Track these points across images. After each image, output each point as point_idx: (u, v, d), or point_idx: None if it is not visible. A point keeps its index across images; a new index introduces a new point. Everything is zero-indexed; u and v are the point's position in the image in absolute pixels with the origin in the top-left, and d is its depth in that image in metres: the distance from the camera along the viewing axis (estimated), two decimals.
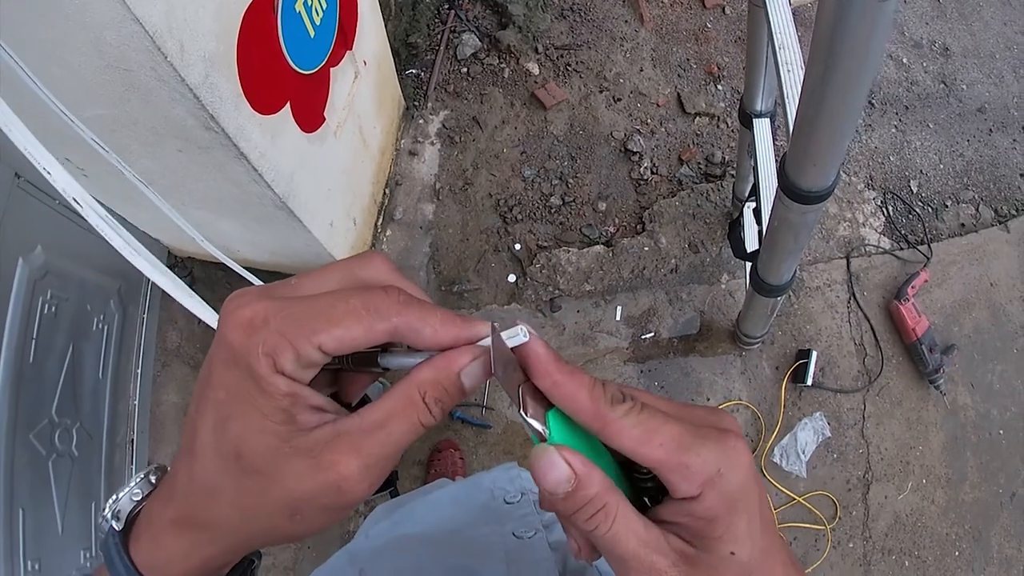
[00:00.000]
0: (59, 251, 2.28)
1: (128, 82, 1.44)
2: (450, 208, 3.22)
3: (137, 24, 1.26)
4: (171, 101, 1.50)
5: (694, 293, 3.15)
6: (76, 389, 2.40)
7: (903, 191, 3.48)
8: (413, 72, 3.50)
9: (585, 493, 0.46)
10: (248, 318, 0.45)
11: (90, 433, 2.46)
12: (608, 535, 0.47)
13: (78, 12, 1.25)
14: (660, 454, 0.46)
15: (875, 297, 3.23)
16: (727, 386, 3.03)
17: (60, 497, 2.25)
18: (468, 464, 2.84)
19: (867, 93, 1.41)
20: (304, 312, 0.45)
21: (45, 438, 2.21)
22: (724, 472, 0.47)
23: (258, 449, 0.45)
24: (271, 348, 0.44)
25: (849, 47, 1.25)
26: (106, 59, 1.37)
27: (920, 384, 3.13)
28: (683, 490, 0.47)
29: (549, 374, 0.48)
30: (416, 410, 0.47)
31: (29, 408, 2.14)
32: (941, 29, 3.99)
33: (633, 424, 0.47)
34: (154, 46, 1.32)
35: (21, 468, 2.07)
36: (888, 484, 3.00)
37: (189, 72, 1.43)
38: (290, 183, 2.02)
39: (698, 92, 3.58)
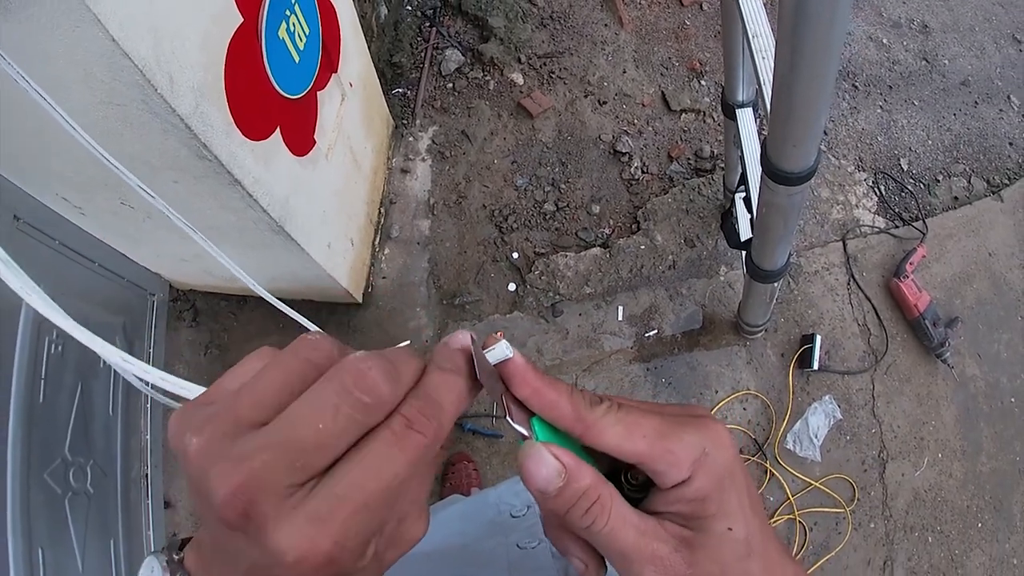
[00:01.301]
0: (62, 290, 2.30)
1: (121, 116, 1.47)
2: (446, 222, 3.25)
3: (127, 59, 1.29)
4: (164, 133, 1.53)
5: (694, 287, 3.16)
6: (88, 426, 2.41)
7: (894, 170, 3.50)
8: (400, 91, 3.53)
9: (577, 486, 0.47)
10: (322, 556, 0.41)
11: (104, 470, 2.47)
12: (606, 529, 0.47)
13: (67, 50, 1.27)
14: (644, 445, 0.48)
15: (874, 277, 3.25)
16: (734, 377, 3.04)
17: (78, 535, 2.26)
18: (482, 475, 2.84)
19: (836, 71, 1.44)
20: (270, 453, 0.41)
21: (60, 477, 2.22)
22: (709, 452, 0.49)
23: None
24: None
25: (812, 27, 1.28)
26: (97, 95, 1.40)
27: (927, 359, 3.14)
28: (672, 476, 0.48)
29: (528, 383, 0.49)
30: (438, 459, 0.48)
31: (42, 447, 2.15)
32: (919, 7, 4.02)
33: (614, 422, 0.48)
34: (144, 79, 1.35)
35: (38, 507, 2.08)
36: (904, 461, 3.00)
37: (180, 103, 1.46)
38: (285, 207, 2.05)
39: (682, 89, 3.61)
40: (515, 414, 0.50)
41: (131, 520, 2.58)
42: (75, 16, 1.19)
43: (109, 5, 1.20)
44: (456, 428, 2.89)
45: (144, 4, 1.31)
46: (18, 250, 2.04)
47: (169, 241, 2.36)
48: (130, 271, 2.71)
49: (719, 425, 0.51)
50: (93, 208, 2.16)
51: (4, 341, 2.04)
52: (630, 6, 3.82)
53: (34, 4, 1.18)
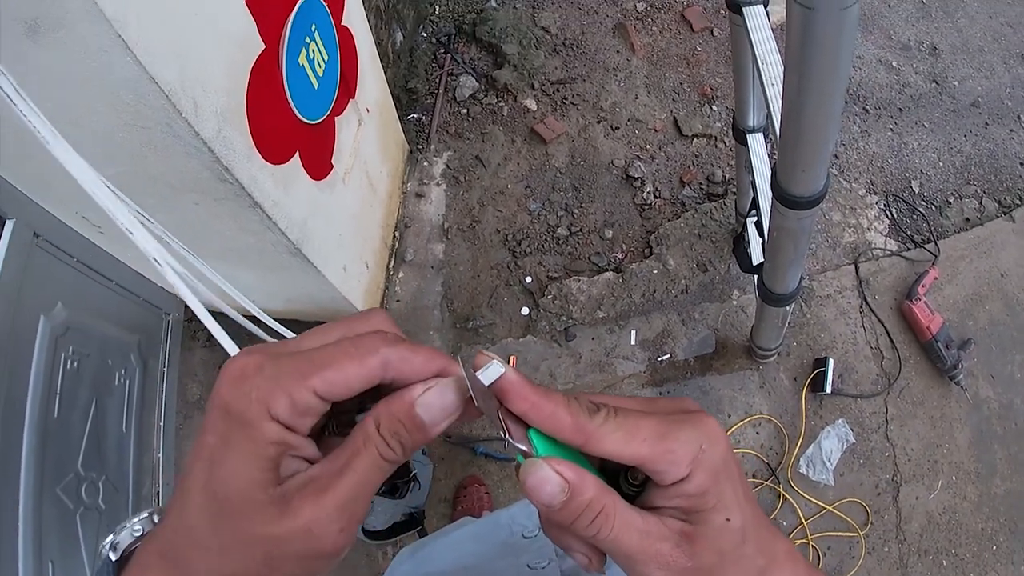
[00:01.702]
0: (79, 308, 2.32)
1: (144, 139, 1.50)
2: (460, 247, 3.27)
3: (153, 83, 1.32)
4: (187, 156, 1.56)
5: (706, 312, 3.17)
6: (101, 443, 2.43)
7: (905, 192, 3.51)
8: (415, 116, 3.57)
9: (581, 500, 0.48)
10: (241, 368, 0.47)
11: (116, 486, 2.48)
12: (611, 536, 0.49)
13: (95, 74, 1.30)
14: (645, 449, 0.49)
15: (887, 300, 3.24)
16: (747, 401, 3.04)
17: (88, 550, 2.27)
18: (494, 498, 2.84)
19: (843, 97, 1.46)
20: (297, 359, 0.47)
21: (72, 492, 2.24)
22: (706, 448, 0.50)
23: (237, 493, 0.46)
24: (264, 394, 0.46)
25: (819, 55, 1.31)
26: (123, 118, 1.43)
27: (940, 382, 3.13)
28: (673, 475, 0.49)
29: (525, 397, 0.49)
30: (374, 444, 0.48)
31: (55, 462, 2.16)
32: (927, 29, 4.04)
33: (613, 429, 0.49)
34: (170, 104, 1.38)
35: (49, 522, 2.10)
36: (918, 484, 2.99)
37: (203, 127, 1.49)
38: (303, 230, 2.08)
39: (693, 114, 3.63)
40: (513, 431, 0.50)
41: None
42: (104, 41, 1.22)
43: (137, 31, 1.24)
44: (468, 452, 2.90)
45: (171, 31, 1.35)
46: (37, 267, 2.09)
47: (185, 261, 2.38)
48: (146, 290, 2.74)
49: (711, 419, 0.52)
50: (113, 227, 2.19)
51: (21, 356, 2.06)
52: (642, 32, 3.86)
53: (62, 28, 1.21)
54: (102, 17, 1.17)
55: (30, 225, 2.09)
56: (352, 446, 0.48)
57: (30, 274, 2.10)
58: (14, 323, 2.03)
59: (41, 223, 2.13)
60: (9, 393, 2.00)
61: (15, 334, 2.03)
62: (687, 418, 0.52)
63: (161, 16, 1.31)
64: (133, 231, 0.63)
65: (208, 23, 1.46)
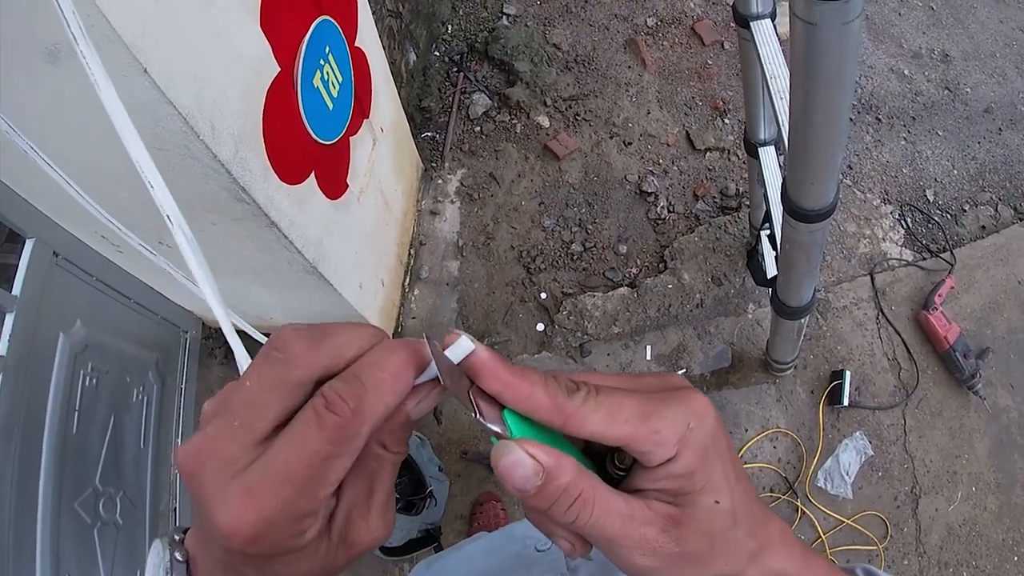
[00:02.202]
0: (98, 325, 2.35)
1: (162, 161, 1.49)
2: (474, 264, 3.28)
3: (171, 107, 1.34)
4: (204, 177, 1.58)
5: (722, 326, 3.17)
6: (119, 459, 2.45)
7: (920, 201, 3.50)
8: (428, 135, 3.59)
9: (557, 484, 0.46)
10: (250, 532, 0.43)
11: (133, 502, 2.50)
12: (591, 522, 0.47)
13: None
14: (629, 429, 0.46)
15: (903, 310, 3.24)
16: (764, 415, 3.03)
17: (106, 565, 2.29)
18: (510, 515, 2.84)
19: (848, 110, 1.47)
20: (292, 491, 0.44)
21: (90, 507, 2.25)
22: (693, 426, 0.48)
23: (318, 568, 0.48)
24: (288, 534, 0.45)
25: (823, 69, 1.33)
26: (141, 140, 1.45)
27: (958, 392, 3.11)
28: (659, 456, 0.47)
29: (499, 377, 0.47)
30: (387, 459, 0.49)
31: (74, 477, 2.18)
32: (938, 36, 4.05)
33: (594, 409, 0.47)
34: (187, 127, 1.40)
35: (67, 536, 2.12)
36: (937, 496, 2.97)
37: (220, 149, 1.51)
38: (319, 248, 2.09)
39: (706, 128, 3.64)
40: (486, 412, 0.47)
41: None
42: (123, 65, 1.24)
43: (156, 55, 1.25)
44: (485, 468, 2.90)
45: (188, 55, 1.37)
46: (57, 285, 2.11)
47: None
48: (164, 308, 2.77)
49: (698, 395, 0.50)
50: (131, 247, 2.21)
51: (41, 373, 2.08)
52: (653, 47, 3.88)
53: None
54: (120, 42, 1.18)
55: (50, 244, 2.12)
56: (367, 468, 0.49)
57: (50, 292, 2.12)
58: (34, 340, 2.05)
59: (60, 242, 2.16)
60: (29, 409, 2.02)
61: (35, 351, 2.06)
62: (673, 396, 0.49)
63: (178, 40, 1.33)
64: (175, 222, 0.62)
65: (224, 47, 1.48)
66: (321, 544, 0.47)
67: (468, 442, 2.95)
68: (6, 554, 1.87)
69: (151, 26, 1.24)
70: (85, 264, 2.28)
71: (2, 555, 1.86)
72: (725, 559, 0.50)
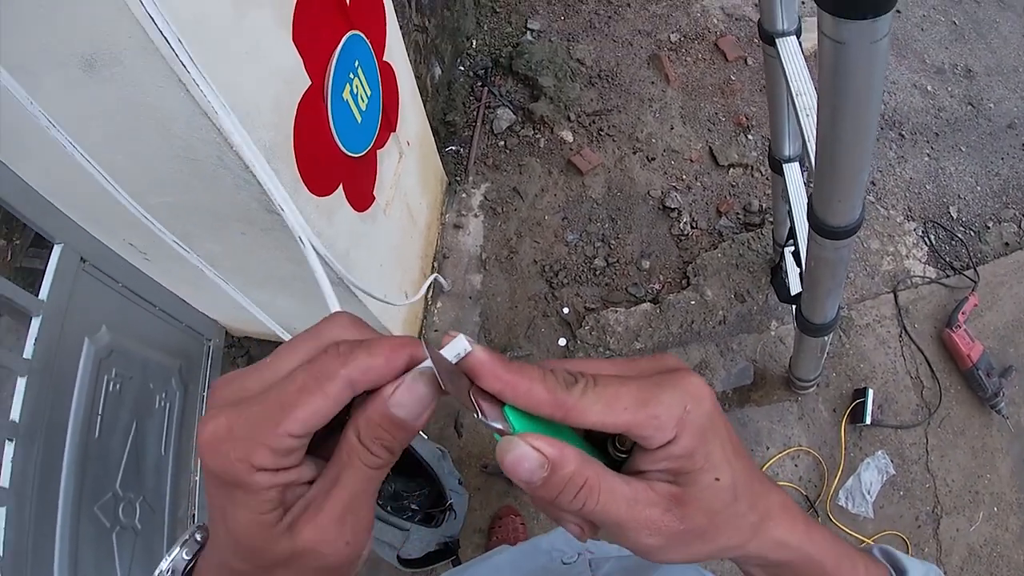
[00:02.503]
0: (123, 331, 2.37)
1: (193, 170, 1.55)
2: (497, 277, 3.29)
3: (205, 118, 1.37)
4: (235, 187, 1.61)
5: (744, 343, 3.16)
6: (139, 464, 2.47)
7: (943, 218, 3.49)
8: (453, 149, 3.62)
9: (562, 474, 0.46)
10: (212, 433, 0.46)
11: (153, 507, 2.52)
12: (598, 508, 0.48)
13: (148, 107, 1.35)
14: (628, 417, 0.47)
15: (926, 328, 3.22)
16: (785, 433, 3.02)
17: (123, 569, 2.30)
18: (529, 529, 2.84)
19: (875, 128, 1.47)
20: (262, 409, 0.46)
21: (109, 511, 2.27)
22: (690, 408, 0.49)
23: (252, 539, 0.48)
24: (243, 453, 0.45)
25: (851, 88, 1.33)
26: (173, 149, 1.48)
27: (981, 410, 3.09)
28: (659, 439, 0.48)
29: (498, 376, 0.47)
30: (357, 454, 0.48)
31: (95, 481, 2.21)
32: (961, 51, 4.03)
33: (593, 401, 0.47)
34: (221, 137, 1.43)
35: (86, 539, 2.14)
36: (959, 516, 2.95)
37: (252, 160, 1.53)
38: (346, 260, 2.11)
39: (729, 144, 3.65)
40: (487, 410, 0.47)
41: None
42: (159, 77, 1.27)
43: (192, 68, 1.27)
44: (504, 482, 2.90)
45: (223, 67, 1.39)
46: (83, 291, 2.14)
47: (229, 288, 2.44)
48: (189, 316, 2.80)
49: (694, 376, 0.51)
50: (157, 254, 2.25)
51: (65, 377, 2.11)
52: (676, 63, 3.89)
53: (117, 64, 1.26)
54: (157, 54, 1.21)
55: (77, 250, 2.15)
56: (339, 460, 0.48)
57: (76, 297, 2.15)
58: (60, 345, 2.08)
59: (88, 248, 2.19)
60: (52, 412, 2.05)
61: (60, 355, 2.08)
62: (669, 379, 0.50)
63: (214, 54, 1.35)
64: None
65: (258, 60, 1.50)
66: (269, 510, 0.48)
67: (488, 455, 2.95)
68: (25, 556, 1.89)
69: (188, 39, 1.26)
70: (111, 270, 2.31)
71: (21, 557, 1.88)
72: (728, 533, 0.52)
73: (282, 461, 0.47)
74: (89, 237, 2.18)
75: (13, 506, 1.86)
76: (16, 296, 1.93)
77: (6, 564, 1.81)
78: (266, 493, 0.47)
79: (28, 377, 1.95)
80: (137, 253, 2.29)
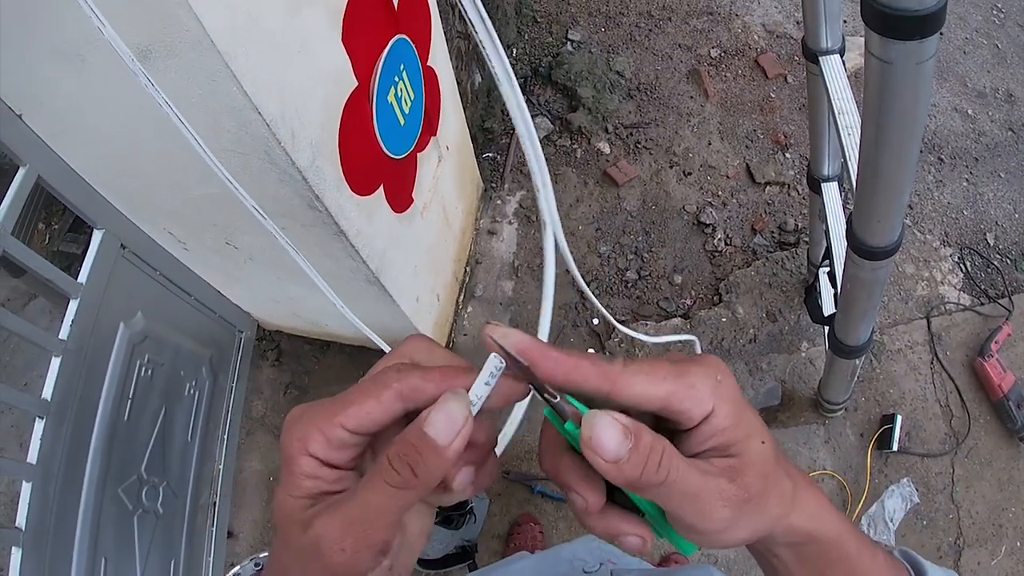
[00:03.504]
0: (158, 318, 2.42)
1: (241, 164, 1.57)
2: (529, 285, 3.30)
3: (256, 113, 1.39)
4: (280, 182, 1.63)
5: (774, 363, 3.15)
6: (165, 449, 2.51)
7: (980, 245, 3.44)
8: (490, 155, 3.63)
9: (645, 443, 0.47)
10: (292, 416, 0.52)
11: (175, 492, 2.56)
12: (679, 478, 0.48)
13: (200, 100, 1.38)
14: (669, 386, 0.49)
15: (958, 356, 3.18)
16: (811, 456, 2.99)
17: (142, 552, 2.34)
18: (547, 538, 2.84)
19: (918, 148, 1.47)
20: (331, 401, 0.51)
21: (133, 493, 2.31)
22: (721, 379, 0.51)
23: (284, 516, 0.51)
24: (303, 434, 0.50)
25: (896, 107, 1.33)
26: (222, 143, 1.50)
27: (1010, 442, 3.04)
28: (697, 412, 0.50)
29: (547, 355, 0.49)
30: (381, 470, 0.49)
31: (120, 463, 2.25)
32: (1003, 76, 3.98)
33: (635, 371, 0.49)
34: (270, 133, 1.45)
35: (108, 519, 2.17)
36: (981, 549, 2.91)
37: (299, 157, 1.56)
38: (382, 259, 2.14)
39: (766, 161, 3.63)
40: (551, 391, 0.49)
41: (194, 544, 2.67)
42: (213, 71, 1.29)
43: (245, 63, 1.30)
44: (525, 489, 2.91)
45: (275, 65, 1.41)
46: (121, 276, 2.18)
47: (265, 282, 2.47)
48: (222, 307, 2.83)
49: (717, 358, 0.53)
50: (197, 245, 2.28)
51: (99, 359, 2.15)
52: (716, 78, 3.88)
53: (172, 56, 1.27)
54: (214, 49, 1.23)
55: (118, 236, 2.19)
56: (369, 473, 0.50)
57: (114, 282, 2.19)
58: (95, 328, 2.12)
59: (128, 235, 2.22)
60: (84, 393, 2.09)
61: (95, 338, 2.12)
62: (694, 358, 0.52)
63: (267, 50, 1.38)
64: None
65: (309, 59, 1.53)
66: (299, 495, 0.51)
67: (510, 462, 2.96)
68: (47, 533, 1.92)
69: (242, 35, 1.28)
70: (150, 258, 2.34)
71: (43, 533, 1.91)
72: (775, 501, 0.53)
73: (332, 454, 0.50)
74: (130, 225, 2.21)
75: (39, 482, 1.90)
76: (57, 278, 1.96)
77: (28, 539, 1.84)
78: (303, 480, 0.51)
79: (63, 357, 1.98)
80: (176, 243, 2.32)
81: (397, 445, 0.49)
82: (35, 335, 1.92)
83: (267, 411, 3.12)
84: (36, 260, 1.89)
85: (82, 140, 1.76)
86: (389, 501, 0.49)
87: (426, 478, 0.49)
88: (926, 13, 1.14)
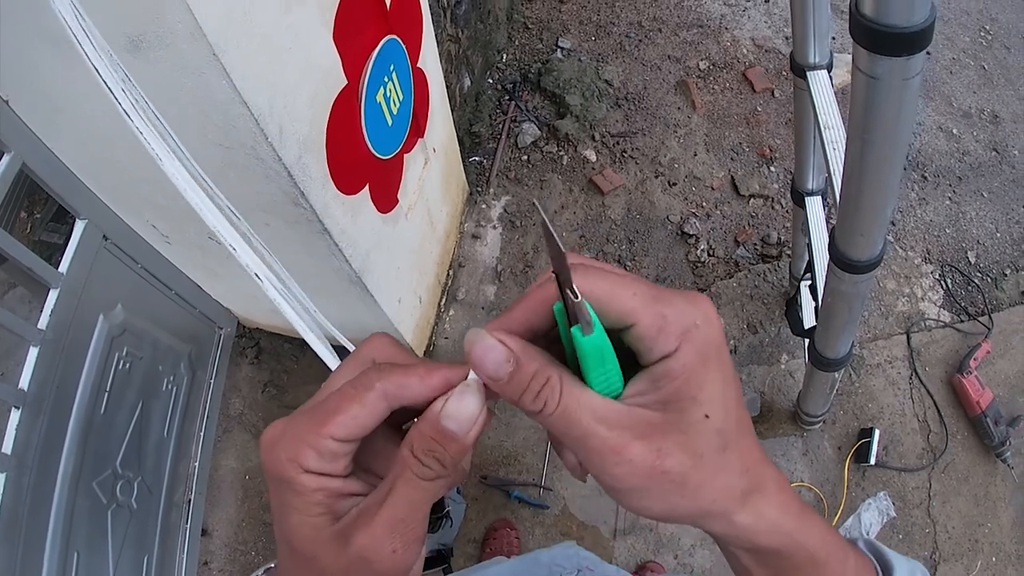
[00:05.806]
0: (138, 312, 2.41)
1: (227, 159, 1.57)
2: (511, 290, 3.30)
3: (244, 107, 1.39)
4: (266, 178, 1.63)
5: (754, 374, 3.16)
6: (141, 444, 2.50)
7: (961, 263, 3.47)
8: (476, 159, 3.63)
9: (527, 370, 0.45)
10: (269, 437, 0.50)
11: (150, 488, 2.55)
12: (558, 412, 0.45)
13: (188, 93, 1.37)
14: (635, 303, 0.45)
15: (937, 372, 3.20)
16: (788, 468, 3.00)
17: (115, 547, 2.33)
18: (523, 544, 2.84)
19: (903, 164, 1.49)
20: (311, 413, 0.49)
21: (107, 488, 2.30)
22: (700, 325, 0.46)
23: (304, 541, 0.49)
24: (291, 453, 0.48)
25: (882, 123, 1.35)
26: (209, 137, 1.50)
27: (986, 459, 3.06)
28: (660, 346, 0.45)
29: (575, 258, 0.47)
30: (410, 466, 0.48)
31: (95, 456, 2.23)
32: (989, 97, 4.01)
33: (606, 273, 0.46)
34: (258, 128, 1.45)
35: (81, 513, 2.16)
36: (956, 564, 2.92)
37: (286, 153, 1.56)
38: (366, 260, 2.14)
39: (751, 174, 3.65)
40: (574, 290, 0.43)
41: (167, 541, 2.65)
42: (202, 63, 1.28)
43: (235, 57, 1.29)
44: (502, 495, 2.91)
45: (265, 59, 1.41)
46: (102, 267, 2.18)
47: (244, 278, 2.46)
48: (203, 303, 2.82)
49: (710, 302, 0.48)
50: (180, 239, 2.28)
51: (77, 350, 2.14)
52: (703, 91, 3.90)
53: (163, 47, 1.27)
54: (204, 40, 1.22)
55: (100, 228, 2.18)
56: (393, 473, 0.49)
57: (95, 273, 2.18)
58: (74, 318, 2.11)
59: (111, 227, 2.22)
60: (61, 384, 2.08)
61: (74, 329, 2.11)
62: (683, 294, 0.47)
63: (258, 45, 1.37)
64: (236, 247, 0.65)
65: (299, 55, 1.52)
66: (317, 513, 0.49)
67: (488, 467, 2.96)
68: (19, 525, 1.91)
69: (234, 29, 1.28)
70: (132, 251, 2.34)
71: (15, 526, 1.90)
72: (713, 492, 0.47)
73: (326, 465, 0.49)
74: (114, 216, 2.21)
75: (13, 473, 1.89)
76: (37, 267, 1.95)
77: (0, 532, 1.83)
78: (313, 495, 0.49)
79: (41, 347, 1.98)
80: (159, 236, 2.32)
81: (420, 440, 0.48)
82: (14, 324, 1.91)
83: (245, 409, 3.10)
84: (17, 248, 1.88)
85: (67, 128, 1.76)
86: (424, 495, 0.49)
87: (452, 468, 0.49)
88: (914, 30, 1.15)
